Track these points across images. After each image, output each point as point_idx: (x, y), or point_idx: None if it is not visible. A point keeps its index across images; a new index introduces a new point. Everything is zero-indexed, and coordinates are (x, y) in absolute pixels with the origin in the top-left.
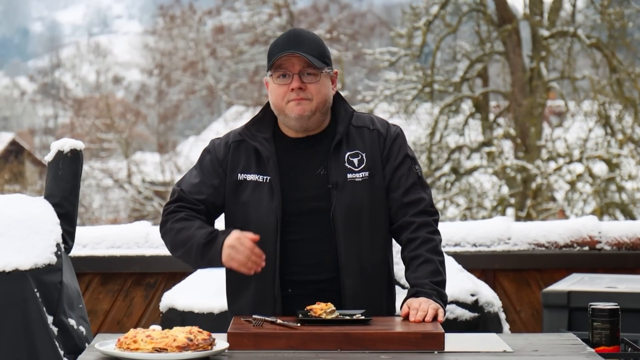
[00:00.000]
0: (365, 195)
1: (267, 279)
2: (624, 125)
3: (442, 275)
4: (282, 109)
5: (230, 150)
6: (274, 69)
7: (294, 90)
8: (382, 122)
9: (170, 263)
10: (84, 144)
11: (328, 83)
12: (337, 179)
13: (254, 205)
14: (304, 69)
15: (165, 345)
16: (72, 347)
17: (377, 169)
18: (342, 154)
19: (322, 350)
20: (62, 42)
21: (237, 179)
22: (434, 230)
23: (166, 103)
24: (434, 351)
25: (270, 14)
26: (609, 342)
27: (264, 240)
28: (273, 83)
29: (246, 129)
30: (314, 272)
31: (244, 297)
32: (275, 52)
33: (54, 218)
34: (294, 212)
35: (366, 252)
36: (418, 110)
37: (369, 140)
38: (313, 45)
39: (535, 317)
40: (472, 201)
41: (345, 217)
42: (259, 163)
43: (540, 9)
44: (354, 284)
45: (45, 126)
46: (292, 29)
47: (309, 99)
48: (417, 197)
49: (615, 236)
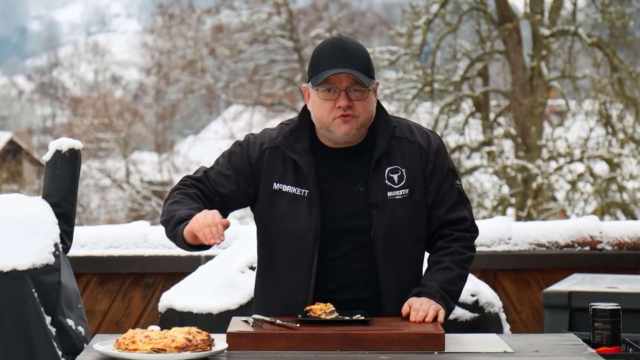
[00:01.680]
0: (405, 214)
1: (298, 297)
2: (625, 124)
3: (457, 286)
4: (327, 125)
5: (265, 155)
6: (320, 83)
7: (341, 107)
8: (422, 132)
9: (169, 263)
10: (82, 144)
11: (373, 97)
12: (377, 198)
13: (290, 218)
14: (352, 85)
15: (164, 346)
16: (71, 347)
17: (418, 184)
18: (382, 170)
19: (321, 350)
20: (60, 41)
21: (273, 188)
22: (468, 246)
23: (164, 102)
24: (434, 352)
25: (269, 13)
26: (610, 343)
27: (300, 256)
28: (318, 97)
29: (284, 139)
30: (352, 292)
31: (273, 309)
32: (322, 64)
33: (52, 218)
34: (332, 230)
35: (406, 271)
36: (418, 110)
37: (408, 154)
38: (360, 59)
39: (535, 317)
40: (473, 201)
41: (385, 237)
42: (297, 175)
43: (540, 7)
44: (394, 303)
45: (43, 125)
46: (338, 38)
47: (356, 117)
48: (460, 216)
49: (616, 236)
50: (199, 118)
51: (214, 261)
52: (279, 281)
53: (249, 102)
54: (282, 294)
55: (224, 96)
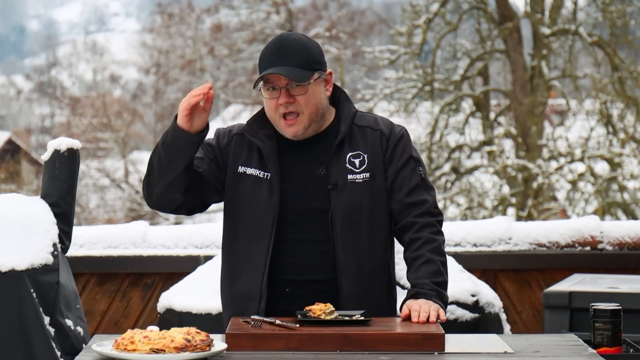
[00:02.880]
0: (365, 196)
1: (256, 276)
2: (626, 124)
3: (444, 276)
4: (277, 123)
5: (232, 141)
6: (263, 82)
7: (282, 104)
8: (386, 122)
9: (168, 264)
10: (80, 143)
11: (319, 88)
12: (337, 180)
13: (252, 199)
14: (291, 81)
15: (163, 346)
16: (69, 348)
17: (379, 170)
18: (343, 154)
19: (321, 351)
20: (58, 40)
21: (238, 171)
22: (437, 231)
23: (163, 102)
24: (434, 352)
25: (268, 12)
26: (611, 343)
27: (259, 236)
28: (264, 96)
29: (247, 126)
30: (311, 273)
31: (233, 289)
32: (263, 63)
33: (51, 218)
34: (292, 211)
35: (365, 253)
36: (418, 109)
37: (371, 141)
38: (299, 54)
39: (536, 317)
40: (473, 201)
41: (344, 218)
42: (261, 159)
43: (541, 6)
44: (352, 286)
45: (41, 125)
46: (279, 37)
47: (300, 112)
48: (420, 199)
49: (617, 236)
50: None
51: (213, 261)
52: (241, 260)
53: (248, 101)
54: (243, 272)
55: (223, 95)
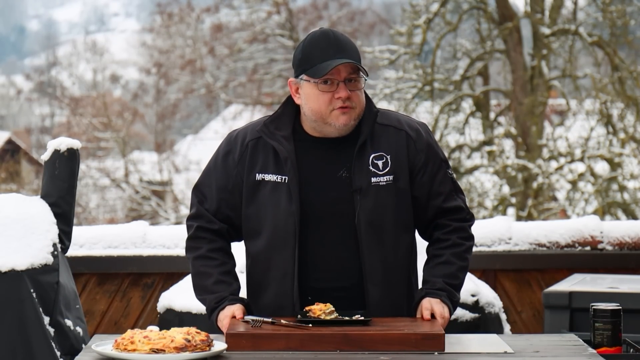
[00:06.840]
0: (389, 199)
1: (285, 285)
2: (626, 124)
3: (459, 279)
4: (325, 117)
5: (247, 149)
6: (316, 75)
7: (340, 98)
8: (410, 122)
9: (168, 263)
10: (80, 143)
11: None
12: (361, 183)
13: (271, 207)
14: (349, 75)
15: (163, 346)
16: (69, 348)
17: (403, 171)
18: (366, 156)
19: (321, 351)
20: (58, 40)
21: (255, 179)
22: (466, 236)
23: (164, 102)
24: (434, 352)
25: (268, 12)
26: (611, 343)
27: (282, 243)
28: (316, 89)
29: (264, 126)
30: (336, 279)
31: (262, 299)
32: (318, 56)
33: (51, 218)
34: (314, 216)
35: (390, 258)
36: (418, 109)
37: (394, 141)
38: (354, 49)
39: (536, 317)
40: (473, 201)
41: (369, 222)
42: (278, 162)
43: (541, 6)
44: (378, 291)
45: (41, 125)
46: (328, 31)
47: (353, 107)
48: (456, 205)
49: (617, 236)
50: (199, 117)
51: None
52: (269, 270)
53: (249, 101)
54: (269, 281)
55: (224, 95)
